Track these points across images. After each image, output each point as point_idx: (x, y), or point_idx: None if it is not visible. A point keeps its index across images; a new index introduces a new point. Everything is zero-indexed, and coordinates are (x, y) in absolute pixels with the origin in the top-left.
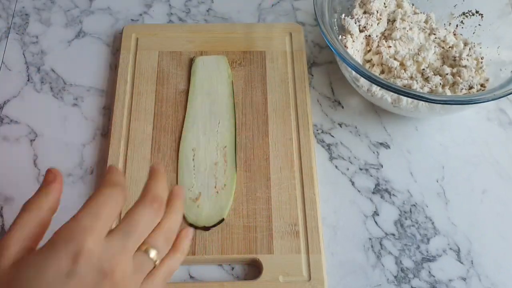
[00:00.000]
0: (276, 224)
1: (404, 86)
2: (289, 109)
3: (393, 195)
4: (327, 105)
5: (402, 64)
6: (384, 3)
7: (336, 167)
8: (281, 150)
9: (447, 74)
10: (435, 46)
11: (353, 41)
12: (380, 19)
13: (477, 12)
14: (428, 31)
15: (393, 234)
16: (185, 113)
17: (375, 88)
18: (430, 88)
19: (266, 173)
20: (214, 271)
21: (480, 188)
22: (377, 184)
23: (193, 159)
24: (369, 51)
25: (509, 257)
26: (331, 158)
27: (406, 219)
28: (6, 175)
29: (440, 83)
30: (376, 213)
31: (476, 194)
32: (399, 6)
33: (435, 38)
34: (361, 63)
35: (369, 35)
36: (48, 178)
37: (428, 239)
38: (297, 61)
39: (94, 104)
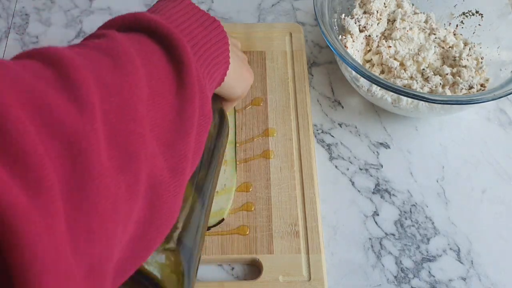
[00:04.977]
0: (276, 224)
1: (404, 86)
2: (289, 109)
3: (393, 195)
4: (327, 105)
5: (402, 64)
6: (384, 3)
7: (336, 167)
8: (281, 150)
9: (447, 74)
10: (435, 46)
11: (353, 41)
12: (380, 19)
13: (477, 12)
14: (428, 31)
15: (393, 234)
16: None
17: (375, 88)
18: (430, 88)
19: (266, 173)
20: (214, 271)
21: (480, 188)
22: (377, 184)
23: None
24: (369, 51)
25: (509, 257)
26: (331, 158)
27: (406, 219)
28: None
29: (440, 83)
30: (376, 213)
31: (476, 194)
32: (399, 6)
33: (435, 38)
34: (361, 63)
35: (369, 35)
36: None
37: (428, 239)
38: (297, 61)
39: None
